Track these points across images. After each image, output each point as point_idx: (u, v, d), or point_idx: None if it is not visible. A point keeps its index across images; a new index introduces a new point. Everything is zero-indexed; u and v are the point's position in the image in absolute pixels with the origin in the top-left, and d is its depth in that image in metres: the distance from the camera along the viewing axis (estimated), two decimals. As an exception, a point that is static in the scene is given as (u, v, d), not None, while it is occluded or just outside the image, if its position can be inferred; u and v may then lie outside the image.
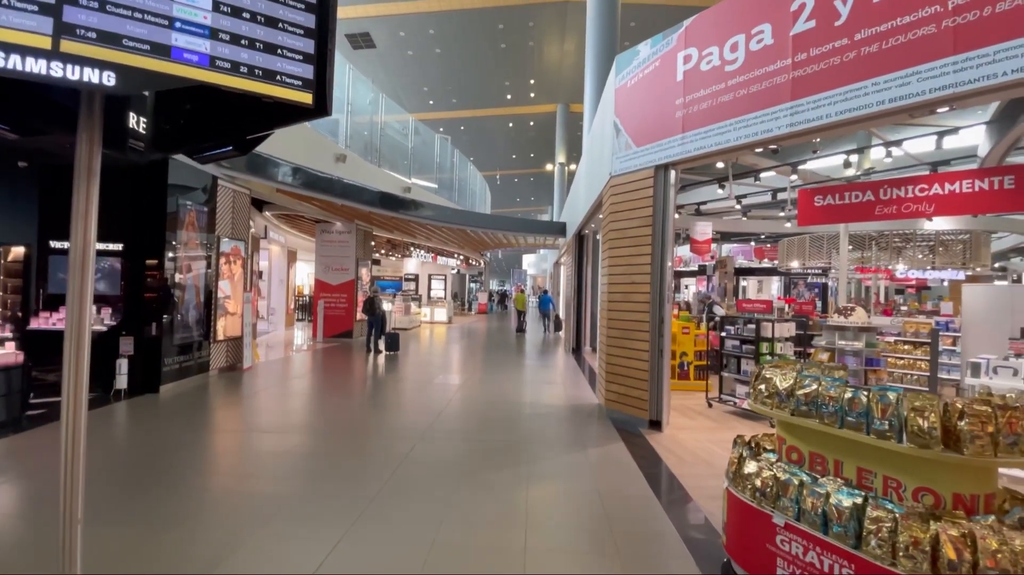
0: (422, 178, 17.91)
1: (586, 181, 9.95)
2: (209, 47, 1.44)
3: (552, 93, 24.80)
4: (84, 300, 1.64)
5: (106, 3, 1.33)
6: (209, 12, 1.44)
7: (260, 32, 1.51)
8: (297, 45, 1.57)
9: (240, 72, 1.48)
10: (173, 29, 1.40)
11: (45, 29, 1.27)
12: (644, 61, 5.85)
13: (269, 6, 1.53)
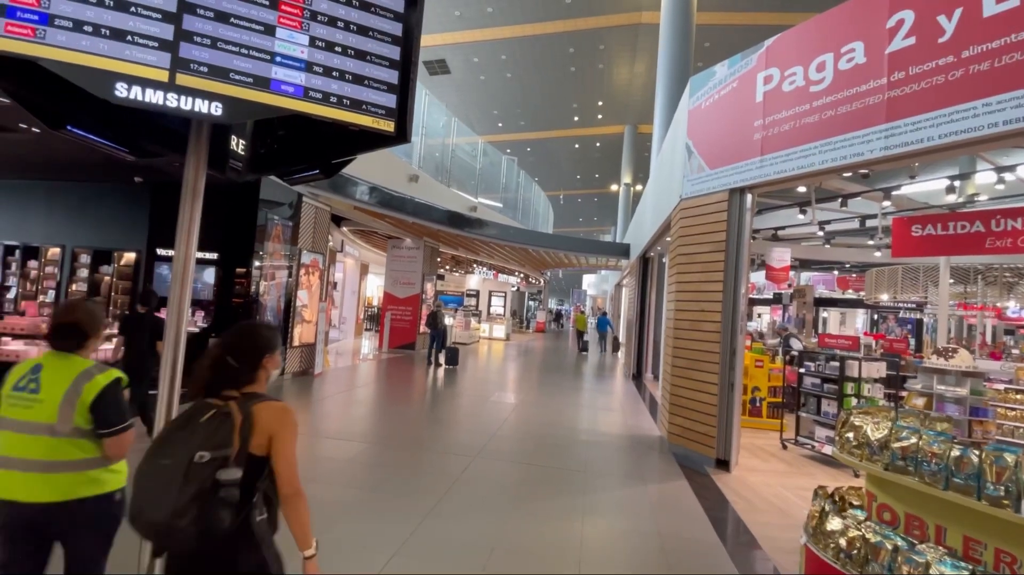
0: (488, 197, 18.31)
1: (653, 203, 9.72)
2: (304, 79, 1.54)
3: (620, 114, 24.66)
4: (183, 304, 1.78)
5: (217, 40, 1.46)
6: (306, 47, 1.55)
7: (350, 64, 1.60)
8: (382, 76, 1.65)
9: (330, 102, 1.57)
10: (274, 63, 1.51)
11: (163, 63, 1.41)
12: (721, 82, 5.66)
13: (360, 40, 1.61)
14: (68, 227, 8.62)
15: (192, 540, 1.23)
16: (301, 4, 1.54)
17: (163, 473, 1.26)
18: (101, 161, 6.92)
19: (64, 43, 1.31)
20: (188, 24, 1.41)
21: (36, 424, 1.66)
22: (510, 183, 20.56)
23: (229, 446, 1.30)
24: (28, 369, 1.73)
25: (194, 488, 1.23)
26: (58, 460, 1.67)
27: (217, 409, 1.35)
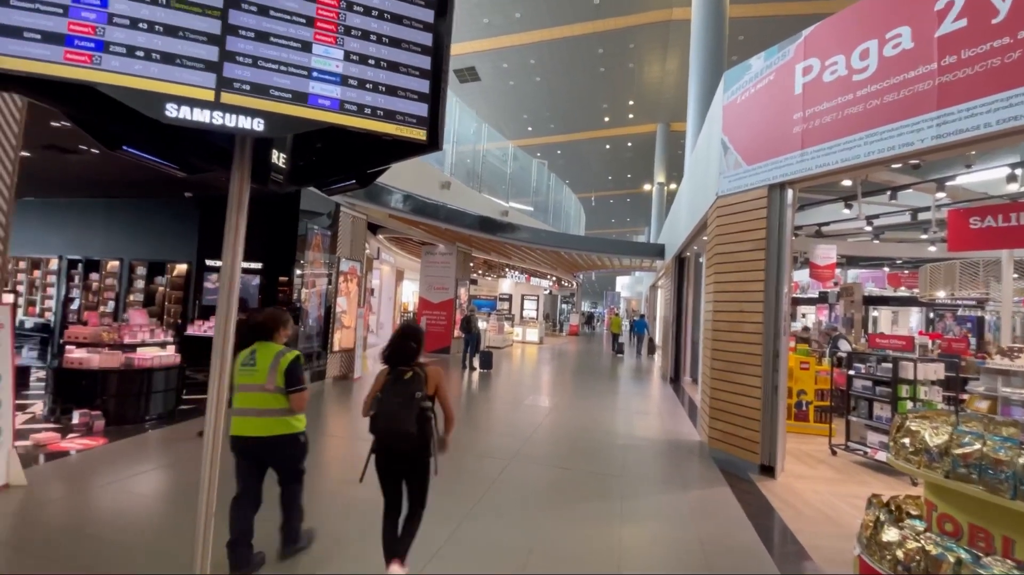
0: (519, 201, 18.36)
1: (688, 202, 9.51)
2: (340, 92, 1.59)
3: (652, 113, 24.29)
4: (231, 312, 1.86)
5: (258, 59, 1.52)
6: (341, 61, 1.60)
7: (383, 76, 1.64)
8: (414, 86, 1.68)
9: (365, 113, 1.61)
10: (311, 78, 1.57)
11: (209, 83, 1.47)
12: (757, 75, 5.49)
13: (392, 52, 1.65)
14: (125, 241, 9.17)
15: (414, 436, 2.46)
16: (336, 20, 1.58)
17: (400, 406, 2.46)
18: (154, 178, 7.34)
19: (118, 68, 1.40)
20: (231, 45, 1.48)
21: (255, 385, 2.72)
22: (541, 186, 20.56)
23: (424, 389, 2.53)
24: (248, 353, 2.81)
25: (415, 411, 2.46)
26: (266, 408, 2.71)
27: (413, 371, 2.56)
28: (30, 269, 9.75)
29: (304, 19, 1.56)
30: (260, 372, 2.72)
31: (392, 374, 2.56)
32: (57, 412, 5.36)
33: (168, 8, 1.43)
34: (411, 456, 2.55)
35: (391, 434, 2.47)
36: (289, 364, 2.74)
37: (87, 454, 4.55)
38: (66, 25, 1.37)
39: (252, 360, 2.77)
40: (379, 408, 2.48)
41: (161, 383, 5.79)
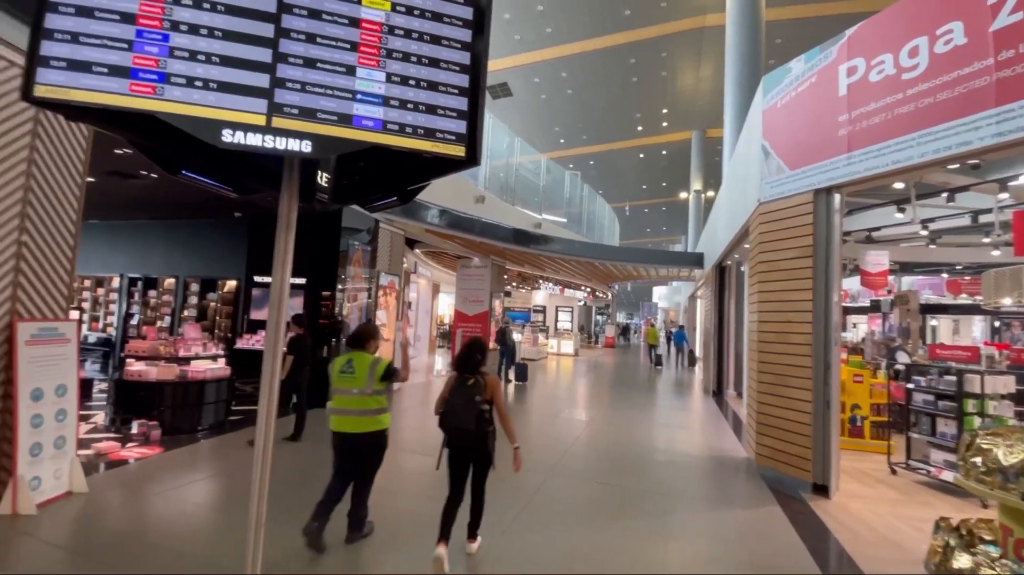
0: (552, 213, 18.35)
1: (727, 209, 9.27)
2: (382, 113, 1.64)
3: (686, 120, 23.94)
4: (280, 326, 1.93)
5: (306, 84, 1.59)
6: (383, 83, 1.65)
7: (423, 96, 1.68)
8: (453, 104, 1.72)
9: (406, 132, 1.66)
10: (355, 100, 1.62)
11: (261, 109, 1.55)
12: (797, 78, 5.34)
13: (431, 72, 1.69)
14: (180, 260, 9.70)
15: (473, 434, 2.98)
16: (378, 44, 1.64)
17: (463, 406, 2.98)
18: (206, 200, 7.75)
19: (179, 97, 1.49)
20: (281, 72, 1.56)
21: (354, 389, 3.19)
22: (574, 198, 20.51)
23: (484, 394, 3.03)
24: (345, 360, 3.27)
25: (475, 412, 2.96)
26: (363, 408, 3.20)
27: (475, 378, 3.07)
28: (94, 287, 10.43)
29: (348, 44, 1.62)
30: (359, 378, 3.20)
31: (458, 379, 3.09)
32: (118, 422, 5.67)
33: (224, 40, 1.52)
34: (472, 448, 3.05)
35: (455, 429, 3.02)
36: (386, 369, 3.27)
37: (144, 463, 4.78)
38: (131, 59, 1.47)
39: (350, 368, 3.23)
40: (446, 407, 3.04)
41: (212, 394, 6.04)
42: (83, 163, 4.03)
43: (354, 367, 3.22)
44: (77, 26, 1.44)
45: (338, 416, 3.22)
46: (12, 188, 3.40)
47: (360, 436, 3.19)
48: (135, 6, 1.48)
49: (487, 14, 1.79)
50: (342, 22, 1.62)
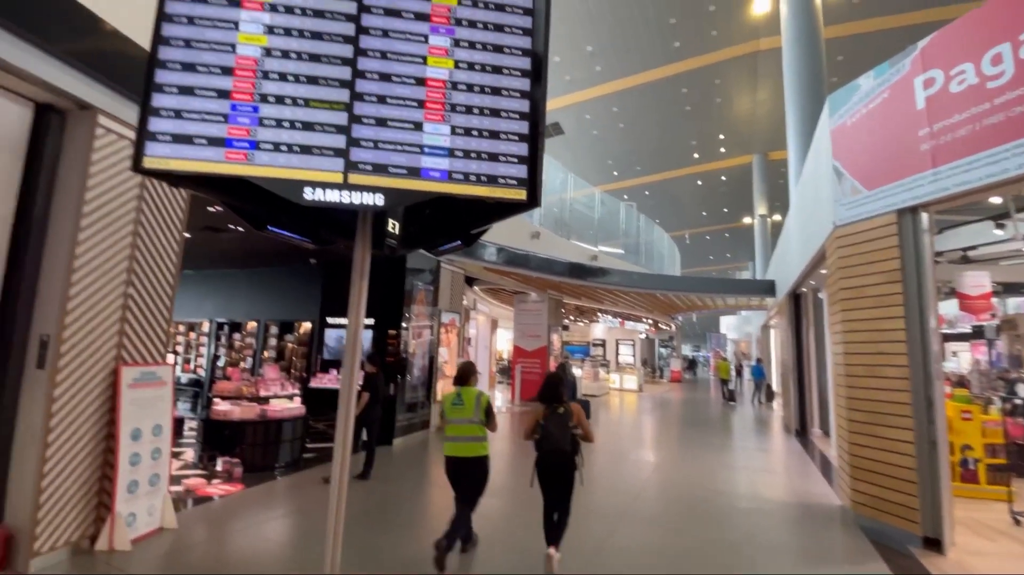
0: (608, 245, 18.18)
1: (799, 234, 8.77)
2: (448, 164, 1.71)
3: (745, 145, 23.26)
4: (354, 366, 2.00)
5: (378, 142, 1.69)
6: (448, 136, 1.72)
7: (485, 145, 1.74)
8: (513, 150, 1.76)
9: (470, 180, 1.71)
10: (423, 154, 1.70)
11: (338, 167, 1.66)
12: (868, 95, 5.06)
13: (493, 121, 1.75)
14: (262, 304, 10.45)
15: (567, 455, 3.51)
16: (443, 100, 1.73)
17: (556, 431, 3.53)
18: (285, 249, 8.37)
19: (267, 162, 1.63)
20: (356, 132, 1.67)
21: (463, 419, 3.69)
22: (630, 228, 20.25)
23: (572, 419, 3.57)
24: (455, 394, 3.77)
25: (567, 435, 3.52)
26: (471, 435, 3.68)
27: (563, 407, 3.61)
28: (187, 331, 11.42)
29: (416, 102, 1.72)
30: (467, 408, 3.69)
31: (549, 409, 3.63)
32: (205, 459, 6.04)
33: (306, 107, 1.66)
34: (563, 467, 3.55)
35: (552, 452, 3.53)
36: (487, 403, 3.75)
37: (228, 499, 5.02)
38: (226, 130, 1.64)
39: (460, 400, 3.73)
40: (543, 433, 3.57)
41: (289, 432, 6.32)
42: (181, 221, 4.48)
43: (463, 399, 3.72)
44: (180, 104, 1.63)
45: (452, 443, 3.70)
46: (121, 246, 3.83)
47: (469, 460, 3.65)
48: (230, 83, 1.65)
49: (544, 62, 1.84)
50: (409, 82, 1.72)
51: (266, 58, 1.65)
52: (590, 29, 16.13)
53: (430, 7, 1.74)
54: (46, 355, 3.34)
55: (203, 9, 1.64)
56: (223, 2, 1.65)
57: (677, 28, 15.95)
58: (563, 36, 16.31)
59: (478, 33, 1.77)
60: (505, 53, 1.78)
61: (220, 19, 1.63)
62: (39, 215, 3.41)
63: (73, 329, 3.44)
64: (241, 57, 1.64)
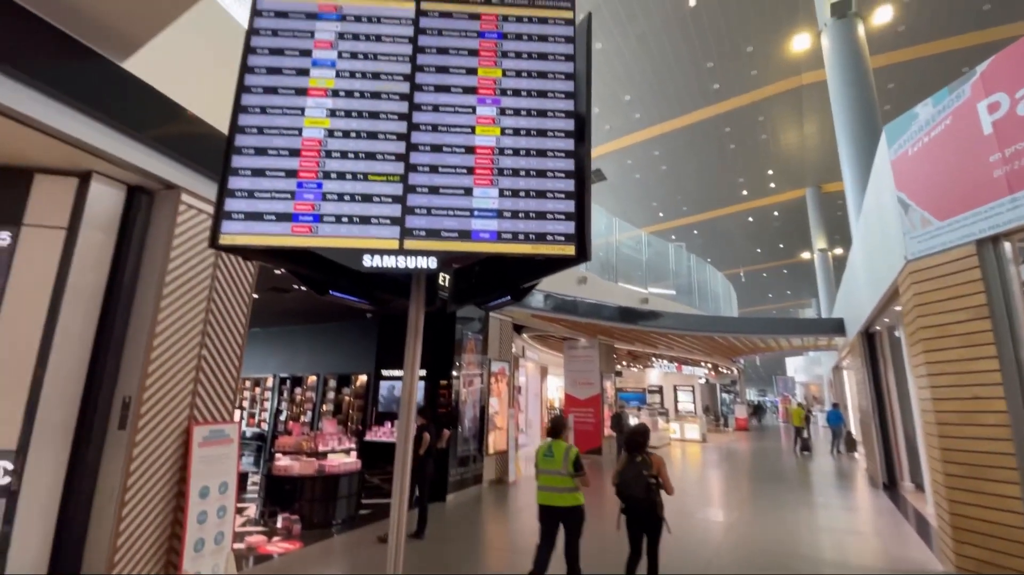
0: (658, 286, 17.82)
1: (866, 270, 8.26)
2: (497, 225, 1.75)
3: (796, 179, 22.62)
4: (410, 421, 2.01)
5: (431, 208, 1.77)
6: (496, 198, 1.78)
7: (532, 204, 1.78)
8: (560, 208, 1.79)
9: (519, 239, 1.74)
10: (472, 217, 1.76)
11: (394, 235, 1.74)
12: (928, 123, 4.84)
13: (539, 182, 1.80)
14: (321, 358, 10.86)
15: (644, 502, 3.76)
16: (491, 165, 1.80)
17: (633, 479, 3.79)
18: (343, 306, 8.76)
19: (329, 233, 1.74)
20: (410, 201, 1.76)
21: (554, 470, 3.90)
22: (680, 269, 19.81)
23: (651, 469, 3.80)
24: (547, 446, 4.01)
25: (644, 483, 3.75)
26: (563, 486, 3.86)
27: (643, 456, 3.86)
28: (252, 387, 11.96)
29: (465, 169, 1.80)
30: (557, 460, 3.89)
31: (629, 458, 3.91)
32: (266, 515, 6.15)
33: (365, 181, 1.77)
34: (645, 514, 3.79)
35: (629, 498, 3.81)
36: (575, 456, 3.91)
37: (287, 558, 5.05)
38: (293, 206, 1.76)
39: (551, 452, 3.96)
40: (621, 480, 3.86)
41: (345, 488, 6.36)
42: (251, 284, 4.81)
43: (554, 452, 3.95)
44: (252, 184, 1.77)
45: (545, 492, 3.95)
46: (197, 311, 4.13)
47: (561, 509, 3.88)
48: (296, 163, 1.79)
49: (587, 122, 1.90)
50: (459, 151, 1.81)
51: (329, 138, 1.79)
52: (626, 80, 16.60)
53: (477, 80, 1.86)
54: (127, 416, 3.58)
55: (274, 99, 1.82)
56: (291, 92, 1.82)
57: (715, 71, 16.13)
58: (600, 88, 16.85)
59: (522, 101, 1.86)
60: (549, 117, 1.85)
61: (289, 107, 1.81)
62: (127, 286, 3.75)
63: (152, 390, 3.69)
64: (307, 139, 1.79)
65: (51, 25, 2.98)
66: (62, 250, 3.44)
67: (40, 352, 3.27)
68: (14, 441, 3.17)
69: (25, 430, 3.18)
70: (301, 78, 1.82)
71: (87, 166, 3.50)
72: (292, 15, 1.86)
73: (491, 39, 1.89)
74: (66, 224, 3.48)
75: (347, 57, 1.84)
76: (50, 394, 3.29)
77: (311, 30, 1.85)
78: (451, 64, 1.86)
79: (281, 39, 1.84)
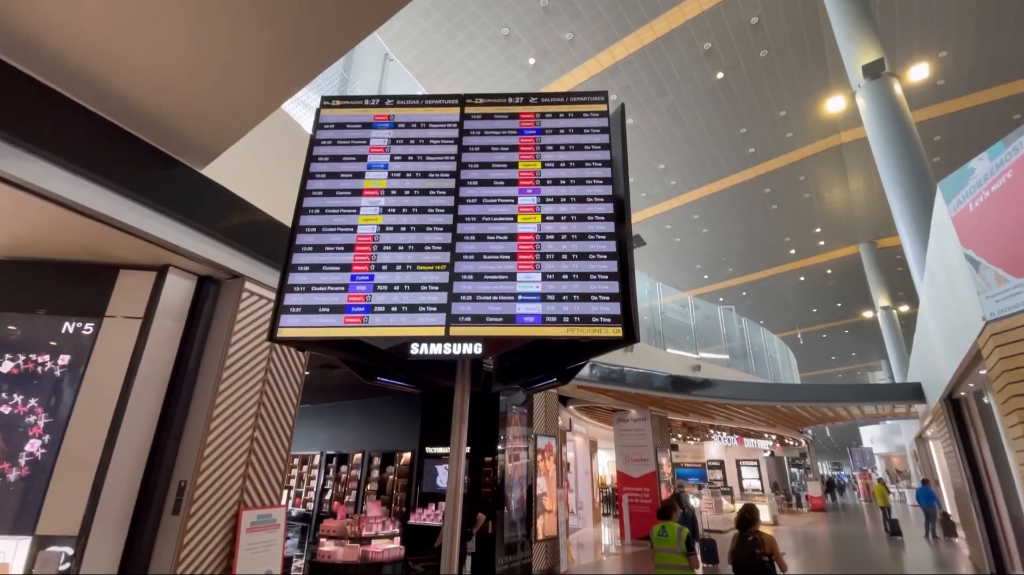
0: (709, 351, 17.11)
1: (940, 331, 7.66)
2: (541, 308, 1.77)
3: (847, 235, 21.90)
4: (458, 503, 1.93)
5: (476, 295, 1.81)
6: (540, 282, 1.81)
7: (576, 287, 1.80)
8: (604, 289, 1.79)
9: (563, 322, 1.74)
10: (517, 301, 1.79)
11: (440, 322, 1.78)
12: (987, 177, 4.65)
13: (581, 265, 1.83)
14: (367, 435, 10.84)
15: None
16: (533, 250, 1.85)
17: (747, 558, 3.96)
18: (387, 380, 8.85)
19: (379, 323, 1.80)
20: (456, 288, 1.82)
21: (669, 549, 4.31)
22: (731, 333, 19.04)
23: (763, 548, 3.96)
24: (660, 527, 4.43)
25: (758, 562, 3.92)
26: (677, 564, 4.24)
27: (753, 535, 4.05)
28: (300, 465, 11.98)
29: (509, 255, 1.85)
30: (671, 540, 4.32)
31: (741, 536, 4.09)
32: (308, 606, 5.91)
33: (413, 271, 1.85)
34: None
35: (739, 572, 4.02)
36: (687, 536, 4.33)
37: (328, 656, 4.77)
38: (346, 298, 1.85)
39: (664, 532, 4.38)
40: (734, 559, 4.05)
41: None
42: (303, 364, 4.97)
43: (667, 532, 4.36)
44: (310, 279, 1.89)
45: (663, 569, 4.33)
46: (252, 394, 4.28)
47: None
48: (351, 258, 1.91)
49: (626, 203, 1.94)
50: (502, 239, 1.88)
51: (381, 233, 1.91)
52: (659, 149, 17.08)
53: (518, 173, 1.96)
54: (181, 501, 3.64)
55: (332, 200, 1.97)
56: (348, 193, 1.98)
57: (749, 136, 16.38)
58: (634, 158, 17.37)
59: (562, 189, 1.93)
60: (588, 202, 1.91)
61: (345, 207, 1.95)
62: (191, 372, 3.96)
63: (206, 475, 3.76)
64: (361, 235, 1.91)
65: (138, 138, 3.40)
66: (136, 338, 3.71)
67: (108, 438, 3.44)
68: (76, 527, 3.26)
69: (88, 516, 3.28)
70: (357, 180, 1.98)
71: (166, 260, 3.85)
72: (350, 126, 2.06)
73: (530, 135, 2.01)
74: (142, 314, 3.78)
75: (399, 160, 2.00)
76: (114, 480, 3.42)
77: (367, 138, 2.04)
78: (493, 160, 1.98)
79: (340, 147, 2.03)
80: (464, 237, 1.88)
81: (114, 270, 3.87)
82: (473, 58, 13.91)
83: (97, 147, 3.11)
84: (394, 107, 2.09)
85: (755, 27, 12.95)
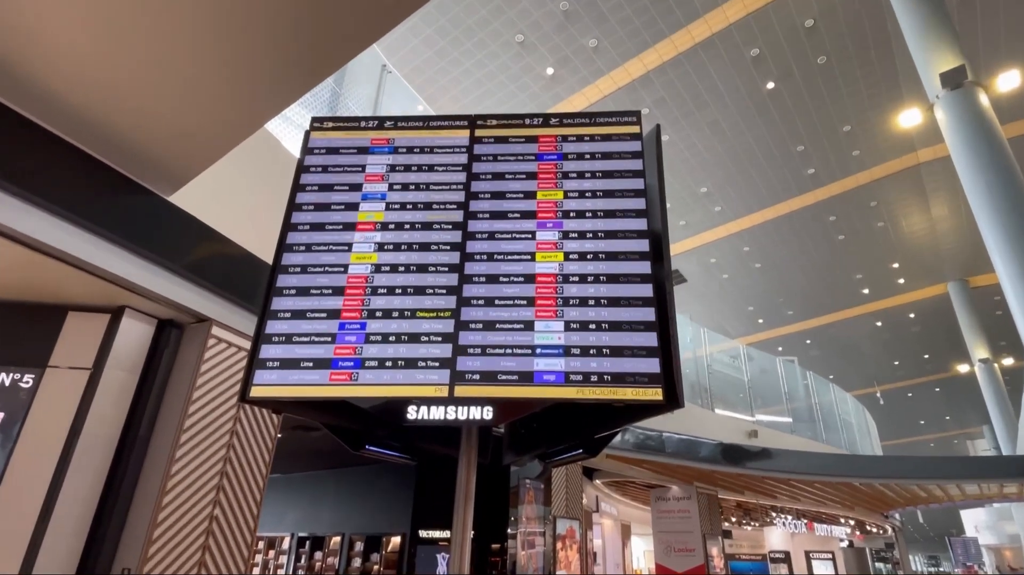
0: (768, 412, 16.72)
1: (1052, 389, 7.44)
2: (563, 364, 1.77)
3: (932, 272, 21.65)
4: None
5: (486, 347, 1.82)
6: (562, 332, 1.82)
7: (606, 338, 1.80)
8: (640, 341, 1.79)
9: (591, 381, 1.74)
10: (534, 355, 1.80)
11: (444, 380, 1.79)
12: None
13: (612, 312, 1.84)
14: (348, 513, 10.65)
15: None
16: (554, 294, 1.88)
17: None
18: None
19: (371, 380, 1.81)
20: (463, 339, 1.83)
21: None
22: (794, 390, 18.62)
23: None
24: None
25: None
26: None
27: None
28: (266, 550, 11.74)
29: (525, 300, 1.88)
30: None
31: None
32: None
33: (412, 319, 1.88)
34: None
35: None
36: None
37: None
38: (333, 350, 1.87)
39: None
40: None
41: None
42: (275, 427, 4.96)
43: None
44: (291, 328, 1.92)
45: None
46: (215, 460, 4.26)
47: None
48: (340, 303, 1.94)
49: (664, 239, 1.97)
50: (517, 280, 1.91)
51: (375, 274, 1.95)
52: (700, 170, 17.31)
53: (536, 204, 2.01)
54: (125, 594, 3.58)
55: (321, 236, 2.03)
56: (339, 227, 2.04)
57: (807, 154, 16.57)
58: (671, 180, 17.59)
59: (588, 222, 1.97)
60: (619, 238, 1.94)
61: (336, 243, 2.01)
62: (143, 436, 3.97)
63: (155, 561, 3.70)
64: (352, 276, 1.96)
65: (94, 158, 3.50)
66: (83, 393, 3.75)
67: (41, 514, 3.43)
68: (-2, 622, 3.21)
69: (11, 609, 3.23)
70: (350, 213, 2.04)
71: (121, 301, 3.93)
72: (343, 150, 2.15)
73: (550, 161, 2.07)
74: (91, 364, 3.83)
75: (398, 189, 2.07)
76: (45, 563, 3.38)
77: (362, 164, 2.12)
78: (508, 189, 2.04)
79: (331, 175, 2.11)
80: (473, 278, 1.92)
81: (61, 312, 3.96)
82: (482, 68, 14.44)
83: (44, 168, 3.17)
84: (394, 129, 2.17)
85: (810, 30, 13.32)
